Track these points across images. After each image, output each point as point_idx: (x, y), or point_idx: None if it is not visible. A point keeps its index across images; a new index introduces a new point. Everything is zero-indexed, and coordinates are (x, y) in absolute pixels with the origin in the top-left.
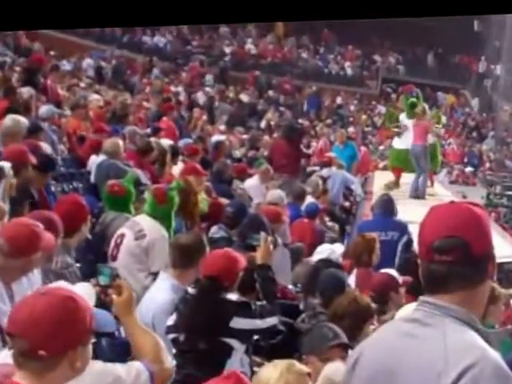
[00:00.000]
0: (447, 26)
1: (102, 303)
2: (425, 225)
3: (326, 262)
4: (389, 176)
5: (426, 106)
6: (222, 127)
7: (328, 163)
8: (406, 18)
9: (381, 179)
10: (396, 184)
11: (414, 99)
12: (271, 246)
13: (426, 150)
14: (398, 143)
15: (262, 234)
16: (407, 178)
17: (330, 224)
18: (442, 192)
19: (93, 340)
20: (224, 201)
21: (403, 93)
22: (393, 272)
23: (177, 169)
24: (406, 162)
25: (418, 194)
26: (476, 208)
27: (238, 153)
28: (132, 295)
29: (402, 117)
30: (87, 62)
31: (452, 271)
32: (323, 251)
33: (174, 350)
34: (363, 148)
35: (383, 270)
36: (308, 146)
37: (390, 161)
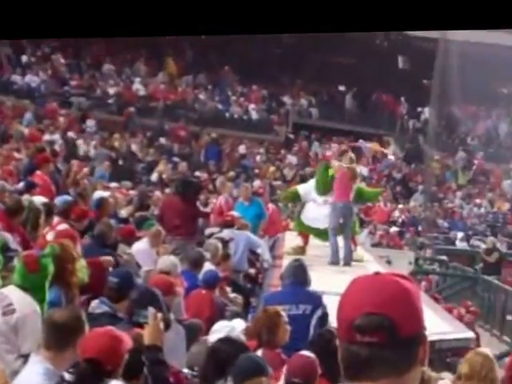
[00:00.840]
0: (368, 63)
1: None
2: (345, 299)
3: (227, 342)
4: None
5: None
6: (106, 182)
7: (230, 223)
8: (320, 54)
9: (292, 241)
10: (303, 249)
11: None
12: (161, 324)
13: (351, 207)
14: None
15: (150, 309)
16: (318, 241)
17: (232, 295)
18: (364, 256)
19: None
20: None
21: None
22: (308, 353)
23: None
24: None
25: (345, 260)
26: (404, 281)
27: (123, 212)
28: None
29: (306, 189)
30: None
31: (375, 355)
32: (221, 329)
33: None
34: (271, 205)
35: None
36: (206, 204)
37: (296, 223)
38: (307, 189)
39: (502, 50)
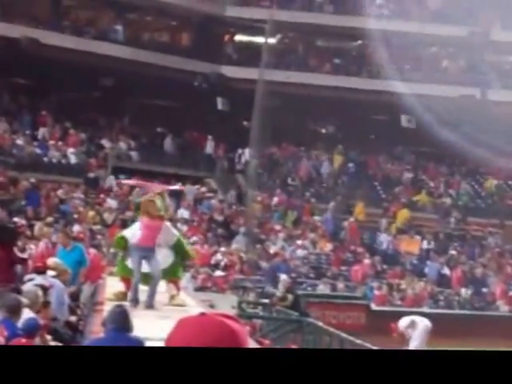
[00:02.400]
0: (187, 105)
1: None
2: (172, 342)
3: None
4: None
5: (168, 200)
6: None
7: (42, 269)
8: (138, 96)
9: (114, 287)
10: (125, 294)
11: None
12: None
13: (154, 250)
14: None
15: None
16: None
17: (52, 344)
18: (186, 301)
19: None
20: None
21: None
22: None
23: None
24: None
25: (146, 303)
26: (230, 321)
27: None
28: None
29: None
30: None
31: None
32: None
33: None
34: (92, 250)
35: None
36: (23, 250)
37: (117, 269)
38: (133, 230)
39: (320, 90)
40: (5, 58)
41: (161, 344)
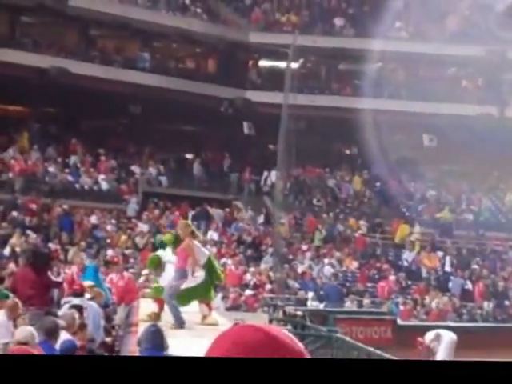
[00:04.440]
0: (215, 131)
1: None
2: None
3: None
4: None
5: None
6: None
7: (79, 292)
8: (166, 123)
9: (148, 308)
10: (158, 315)
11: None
12: None
13: (185, 271)
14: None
15: None
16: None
17: None
18: (218, 320)
19: None
20: None
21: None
22: None
23: None
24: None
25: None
26: (265, 327)
27: None
28: None
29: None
30: None
31: None
32: None
33: None
34: (126, 273)
35: None
36: (58, 274)
37: (154, 289)
38: (165, 252)
39: (344, 113)
40: (35, 87)
41: None
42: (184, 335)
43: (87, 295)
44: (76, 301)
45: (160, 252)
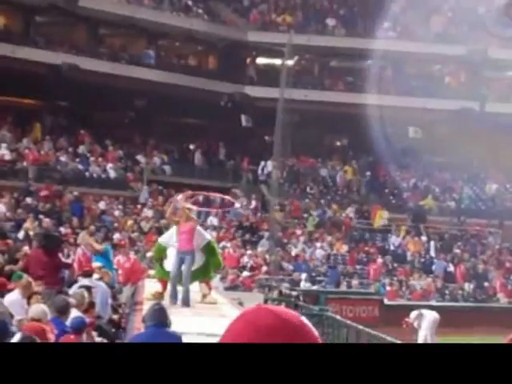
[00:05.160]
0: (215, 123)
1: None
2: (227, 333)
3: None
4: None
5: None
6: None
7: (89, 273)
8: (170, 116)
9: (152, 288)
10: (161, 294)
11: None
12: None
13: (193, 253)
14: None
15: None
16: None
17: (98, 339)
18: (217, 299)
19: None
20: None
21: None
22: None
23: None
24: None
25: (183, 302)
26: (288, 313)
27: None
28: None
29: (166, 237)
30: None
31: None
32: None
33: None
34: (132, 255)
35: None
36: (68, 255)
37: (158, 270)
38: (168, 236)
39: (336, 107)
40: (48, 82)
41: (201, 337)
42: (185, 313)
43: (95, 275)
44: (84, 281)
45: (163, 237)
